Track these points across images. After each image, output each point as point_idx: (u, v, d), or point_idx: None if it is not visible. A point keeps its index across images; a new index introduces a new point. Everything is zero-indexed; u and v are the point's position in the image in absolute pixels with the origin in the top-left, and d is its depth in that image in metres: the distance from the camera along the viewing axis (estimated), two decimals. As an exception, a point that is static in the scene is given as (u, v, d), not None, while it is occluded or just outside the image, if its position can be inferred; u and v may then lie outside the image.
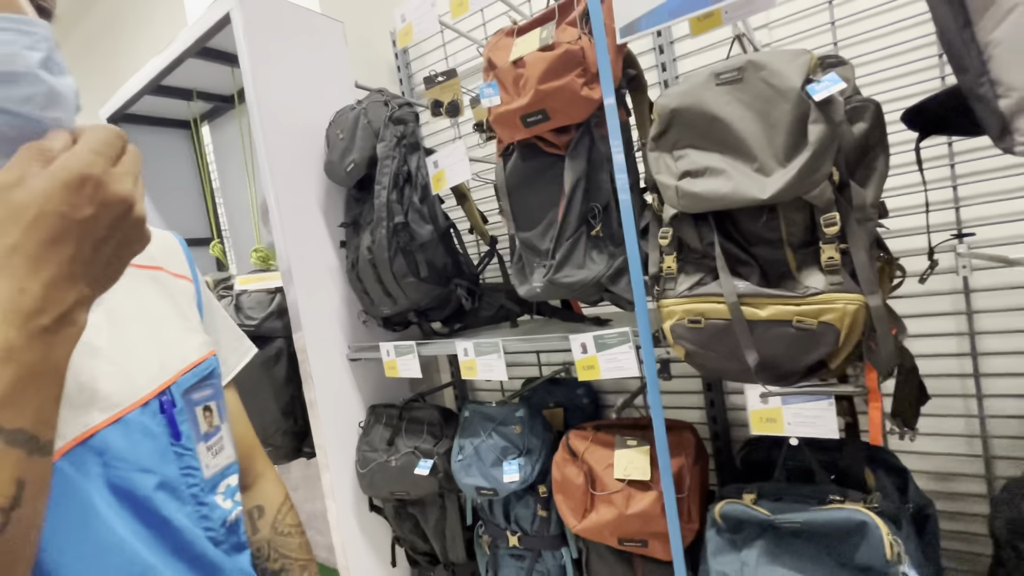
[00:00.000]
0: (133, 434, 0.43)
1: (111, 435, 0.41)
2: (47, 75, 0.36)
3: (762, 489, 0.94)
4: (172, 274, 0.55)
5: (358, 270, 1.35)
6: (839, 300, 0.74)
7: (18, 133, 0.35)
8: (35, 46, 0.36)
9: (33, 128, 0.35)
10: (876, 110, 0.78)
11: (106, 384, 0.42)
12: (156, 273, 0.53)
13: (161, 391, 0.46)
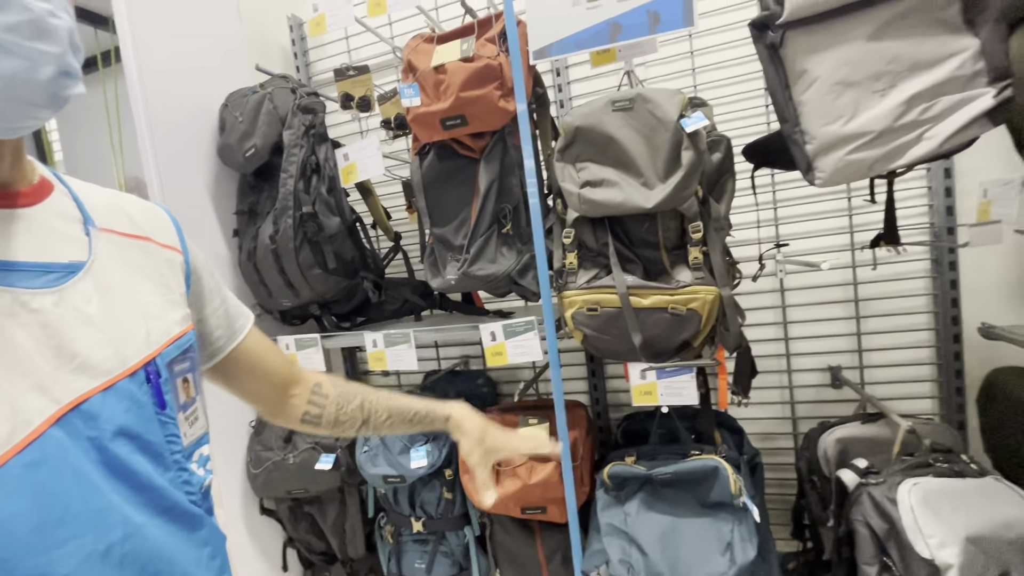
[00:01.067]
0: (122, 401, 0.42)
1: (102, 402, 0.41)
2: (38, 6, 0.35)
3: (640, 452, 1.12)
4: (160, 244, 0.53)
5: (255, 260, 1.30)
6: (701, 291, 0.94)
7: (13, 70, 0.34)
8: None
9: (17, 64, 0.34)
10: (728, 144, 1.00)
11: (97, 352, 0.42)
12: (144, 243, 0.51)
13: (147, 361, 0.46)
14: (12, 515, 0.35)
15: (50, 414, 0.38)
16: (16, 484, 0.36)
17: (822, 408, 1.43)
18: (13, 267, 0.39)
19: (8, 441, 0.36)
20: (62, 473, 0.38)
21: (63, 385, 0.39)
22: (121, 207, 0.52)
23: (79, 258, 0.44)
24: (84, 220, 0.47)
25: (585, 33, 0.97)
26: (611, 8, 0.95)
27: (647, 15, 0.93)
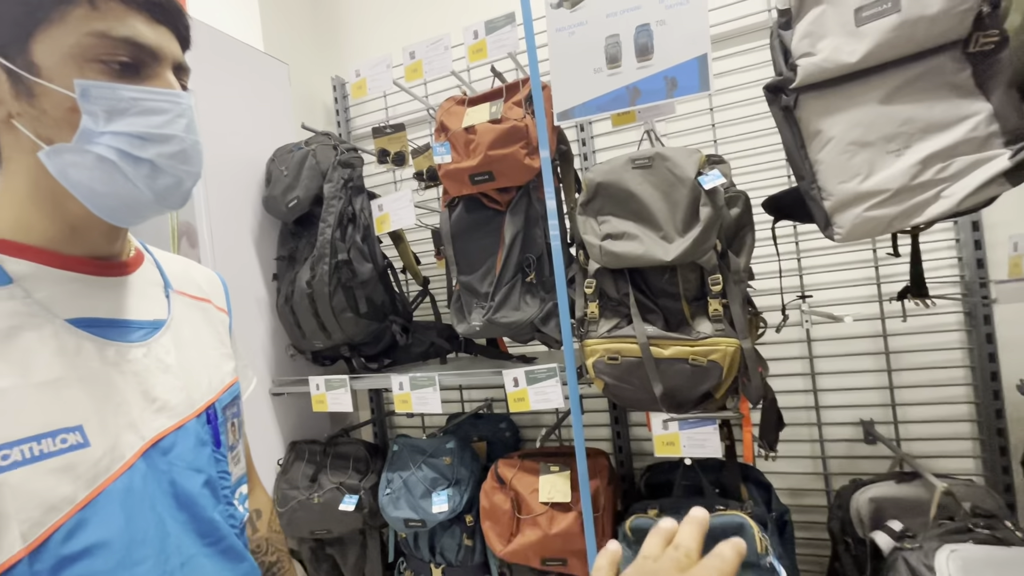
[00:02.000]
0: (190, 439, 0.49)
1: (174, 439, 0.47)
2: (188, 134, 0.46)
3: (663, 504, 1.10)
4: (216, 307, 0.62)
5: (292, 303, 1.37)
6: (722, 343, 0.95)
7: (163, 187, 0.45)
8: (183, 113, 0.46)
9: (170, 180, 0.45)
10: (746, 199, 1.03)
11: (173, 396, 0.49)
12: (205, 305, 0.60)
13: (209, 405, 0.53)
14: (110, 534, 0.41)
15: (138, 448, 0.45)
16: (114, 507, 0.42)
17: (855, 464, 1.38)
18: (118, 324, 0.48)
19: (108, 470, 0.42)
20: (144, 500, 0.44)
21: (147, 424, 0.46)
22: (189, 273, 0.61)
23: (161, 316, 0.52)
24: (164, 284, 0.55)
25: (606, 97, 1.03)
26: (631, 74, 1.02)
27: (664, 81, 0.99)
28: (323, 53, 2.00)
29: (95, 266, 0.48)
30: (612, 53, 1.03)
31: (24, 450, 0.38)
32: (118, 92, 0.42)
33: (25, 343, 0.41)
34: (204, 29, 1.39)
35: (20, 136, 0.43)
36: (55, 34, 0.41)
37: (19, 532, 0.37)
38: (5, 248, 0.43)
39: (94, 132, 0.42)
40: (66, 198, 0.44)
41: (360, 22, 1.98)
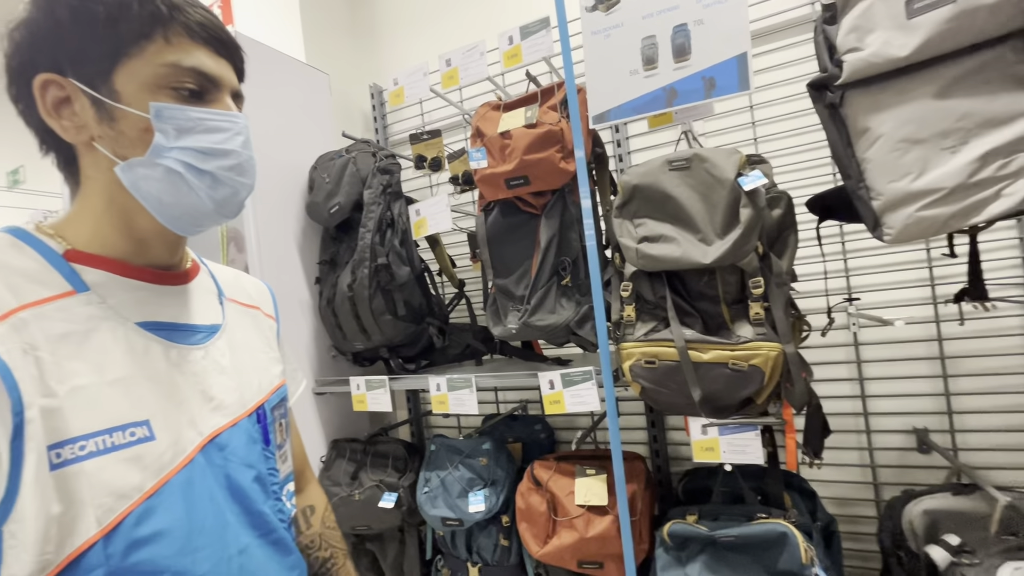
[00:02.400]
0: (242, 436, 0.53)
1: (229, 436, 0.51)
2: (244, 150, 0.52)
3: (702, 511, 1.08)
4: (265, 314, 0.67)
5: (334, 306, 1.41)
6: (764, 347, 0.93)
7: (222, 196, 0.51)
8: (240, 132, 0.52)
9: (228, 191, 0.51)
10: (788, 200, 1.00)
11: (228, 396, 0.53)
12: (254, 312, 0.64)
13: (259, 405, 0.57)
14: (173, 521, 0.44)
15: (197, 443, 0.48)
16: (177, 497, 0.45)
17: (907, 474, 1.32)
18: (180, 328, 0.52)
19: (172, 462, 0.46)
20: (203, 492, 0.47)
21: (205, 421, 0.50)
22: (240, 282, 0.66)
23: (217, 321, 0.56)
24: (218, 293, 0.60)
25: (642, 99, 1.03)
26: (667, 75, 1.01)
27: (703, 81, 0.98)
28: (361, 62, 2.05)
29: (159, 275, 0.53)
30: (648, 54, 1.02)
31: (98, 441, 0.42)
32: (186, 113, 0.48)
33: (100, 343, 0.45)
34: (250, 44, 1.46)
35: (99, 157, 0.48)
36: (134, 66, 0.47)
37: (94, 517, 0.41)
38: (83, 259, 0.48)
39: (164, 147, 0.48)
40: (136, 213, 0.49)
41: (396, 31, 2.03)
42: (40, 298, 0.44)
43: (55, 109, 0.48)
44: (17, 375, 0.39)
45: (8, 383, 0.39)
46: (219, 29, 0.51)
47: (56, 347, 0.42)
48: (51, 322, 0.43)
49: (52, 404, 0.41)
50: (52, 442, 0.40)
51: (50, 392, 0.41)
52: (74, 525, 0.40)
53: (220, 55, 0.51)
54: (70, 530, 0.40)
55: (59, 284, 0.45)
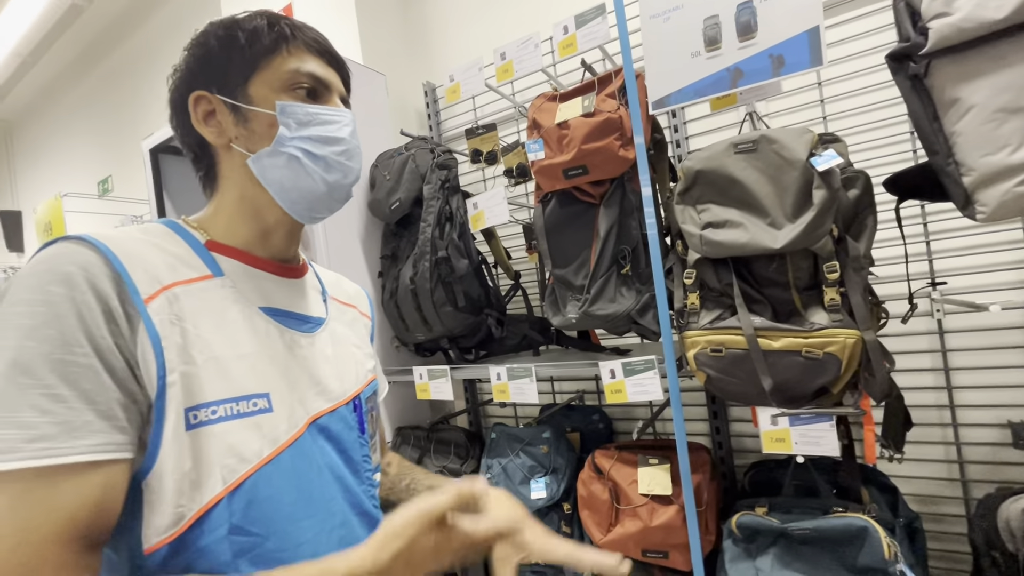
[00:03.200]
0: (341, 421, 0.57)
1: (330, 419, 0.56)
2: (352, 139, 0.59)
3: (772, 503, 1.06)
4: (361, 313, 0.73)
5: (397, 299, 1.47)
6: (840, 334, 0.89)
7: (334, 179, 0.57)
8: (348, 124, 0.60)
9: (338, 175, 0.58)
10: (866, 179, 0.95)
11: (331, 383, 0.58)
12: (352, 310, 0.70)
13: (355, 395, 0.61)
14: (282, 490, 0.49)
15: (305, 421, 0.53)
16: (286, 468, 0.49)
17: (1001, 471, 1.22)
18: (294, 316, 0.57)
19: (286, 434, 0.50)
20: (309, 466, 0.51)
21: (312, 402, 0.54)
22: (340, 284, 0.72)
23: (321, 315, 0.62)
24: (323, 291, 0.65)
25: (705, 81, 1.00)
26: (732, 55, 0.97)
27: (770, 59, 0.94)
28: (414, 60, 2.10)
29: (277, 267, 0.59)
30: (711, 35, 0.99)
31: (228, 407, 0.47)
32: (304, 108, 0.56)
33: (232, 322, 0.51)
34: (315, 50, 1.53)
35: (235, 155, 0.56)
36: (263, 76, 0.56)
37: (220, 476, 0.46)
38: (219, 249, 0.55)
39: (287, 137, 0.55)
40: (262, 205, 0.57)
41: (448, 28, 2.06)
42: (188, 278, 0.50)
43: (204, 119, 0.57)
44: (165, 343, 0.45)
45: (156, 349, 0.44)
46: (329, 46, 0.61)
47: (198, 321, 0.48)
48: (195, 299, 0.49)
49: (191, 371, 0.46)
50: (189, 405, 0.45)
51: (190, 360, 0.46)
52: (203, 481, 0.45)
53: (330, 65, 0.60)
54: (199, 486, 0.44)
55: (201, 268, 0.52)
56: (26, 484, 0.37)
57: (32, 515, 0.37)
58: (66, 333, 0.40)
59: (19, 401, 0.38)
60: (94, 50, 3.73)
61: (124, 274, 0.44)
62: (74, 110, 4.08)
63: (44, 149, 4.57)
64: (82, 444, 0.39)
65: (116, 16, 3.44)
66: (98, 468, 0.40)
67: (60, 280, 0.41)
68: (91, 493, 0.39)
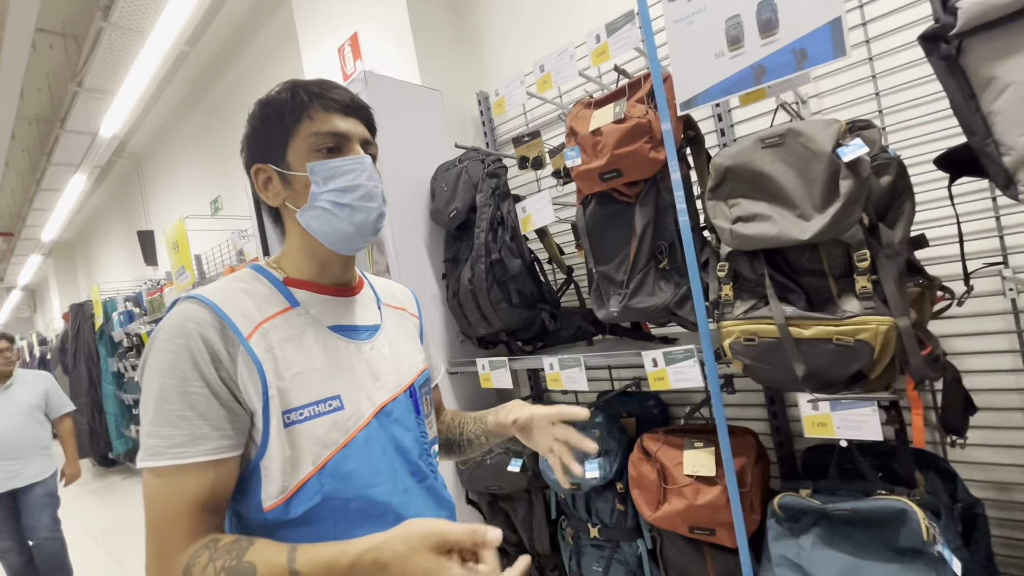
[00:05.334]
0: (401, 407, 0.72)
1: (393, 405, 0.71)
2: (368, 182, 0.69)
3: (817, 485, 1.08)
4: (410, 314, 0.87)
5: (459, 298, 1.62)
6: (872, 322, 0.90)
7: (359, 220, 0.68)
8: (364, 168, 0.69)
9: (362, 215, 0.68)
10: (899, 165, 0.94)
11: (389, 378, 0.72)
12: (402, 312, 0.85)
13: (410, 384, 0.76)
14: (358, 466, 0.64)
15: (371, 411, 0.68)
16: (360, 448, 0.65)
17: (1090, 458, 1.14)
18: (355, 328, 0.72)
19: (355, 425, 0.66)
20: (377, 445, 0.67)
21: (375, 395, 0.69)
22: (391, 290, 0.86)
23: (376, 322, 0.76)
24: (377, 300, 0.79)
25: (729, 80, 1.03)
26: (754, 53, 1.00)
27: (792, 54, 0.96)
28: (468, 72, 2.24)
29: (339, 291, 0.73)
30: (734, 34, 1.02)
31: (311, 409, 0.63)
32: (327, 165, 0.67)
33: (308, 342, 0.66)
34: (376, 79, 1.71)
35: (290, 212, 0.70)
36: (296, 144, 0.67)
37: (310, 459, 0.62)
38: (294, 283, 0.70)
39: (317, 193, 0.67)
40: (316, 247, 0.71)
41: (498, 39, 2.17)
42: (273, 312, 0.65)
43: (264, 186, 0.71)
44: (264, 367, 0.61)
45: (259, 372, 0.61)
46: (348, 97, 0.70)
47: (284, 347, 0.64)
48: (280, 329, 0.64)
49: (283, 385, 0.62)
50: (284, 409, 0.62)
51: (281, 377, 0.62)
52: (299, 463, 0.61)
53: (349, 115, 0.69)
54: (295, 466, 0.61)
55: (282, 302, 0.67)
56: (169, 474, 0.57)
57: (172, 493, 0.56)
58: (186, 373, 0.57)
59: (163, 420, 0.57)
60: (198, 88, 4.27)
61: (228, 320, 0.61)
62: (187, 141, 4.70)
63: (166, 176, 5.30)
64: (201, 449, 0.57)
65: (213, 57, 3.91)
66: (213, 464, 0.58)
67: (180, 334, 0.59)
68: (208, 479, 0.58)
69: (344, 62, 2.39)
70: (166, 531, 0.56)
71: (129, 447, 5.45)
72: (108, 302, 5.29)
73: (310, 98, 0.67)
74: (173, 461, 0.56)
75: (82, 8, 3.39)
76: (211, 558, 0.55)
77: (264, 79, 3.47)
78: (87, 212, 7.74)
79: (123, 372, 5.07)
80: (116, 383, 5.33)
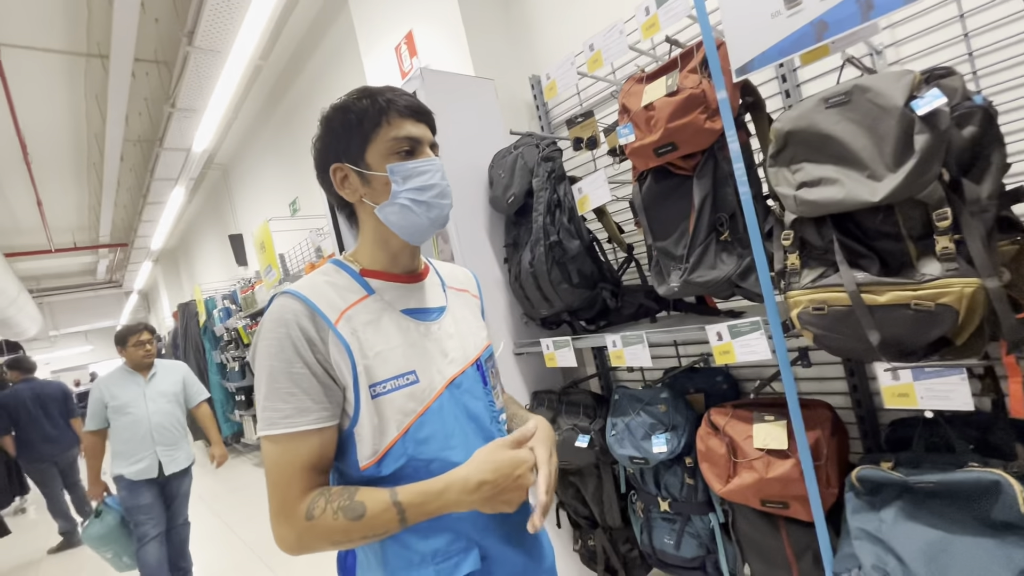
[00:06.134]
0: (469, 379, 0.80)
1: (462, 378, 0.78)
2: (442, 181, 0.77)
3: (899, 458, 1.04)
4: (471, 295, 0.95)
5: (520, 281, 1.68)
6: (955, 284, 0.85)
7: (434, 215, 0.76)
8: (438, 169, 0.77)
9: (437, 211, 0.76)
10: (985, 114, 0.87)
11: (458, 353, 0.80)
12: (465, 294, 0.92)
13: (476, 358, 0.83)
14: (435, 429, 0.72)
15: (442, 384, 0.75)
16: (435, 416, 0.73)
17: None
18: (424, 311, 0.80)
19: (429, 396, 0.73)
20: (450, 413, 0.75)
21: (445, 369, 0.77)
22: (454, 273, 0.93)
23: (442, 304, 0.83)
24: (442, 283, 0.87)
25: (787, 40, 0.99)
26: (814, 8, 0.95)
27: (856, 4, 0.90)
28: (520, 57, 2.26)
29: (408, 278, 0.81)
30: (790, -9, 0.97)
31: (392, 383, 0.72)
32: (406, 166, 0.75)
33: (385, 325, 0.75)
34: (431, 74, 1.78)
35: (366, 207, 0.78)
36: (375, 146, 0.75)
37: (394, 425, 0.70)
38: (369, 273, 0.79)
39: (398, 192, 0.75)
40: (389, 238, 0.78)
41: (548, 20, 2.16)
42: (354, 300, 0.74)
43: (341, 184, 0.78)
44: (352, 348, 0.70)
45: (347, 352, 0.70)
46: (417, 104, 0.77)
47: (365, 330, 0.72)
48: (361, 315, 0.73)
49: (367, 363, 0.71)
50: (371, 383, 0.70)
51: (365, 356, 0.71)
52: (385, 429, 0.70)
53: (419, 121, 0.77)
54: (383, 433, 0.70)
55: (360, 291, 0.76)
56: (283, 441, 0.67)
57: (287, 456, 0.67)
58: (289, 356, 0.67)
59: (274, 396, 0.67)
60: (272, 98, 4.59)
61: (317, 310, 0.70)
62: (265, 148, 5.08)
63: (249, 181, 5.77)
64: (307, 419, 0.67)
65: (283, 67, 4.19)
66: (317, 432, 0.68)
67: (281, 324, 0.68)
68: (314, 444, 0.68)
69: (401, 60, 2.49)
70: (284, 486, 0.66)
71: (235, 430, 6.07)
72: (209, 300, 5.88)
73: (388, 104, 0.74)
74: (286, 430, 0.67)
75: (170, 35, 3.75)
76: (327, 501, 0.66)
77: (330, 84, 3.67)
78: (185, 221, 8.59)
79: (225, 363, 5.64)
80: (220, 373, 5.94)
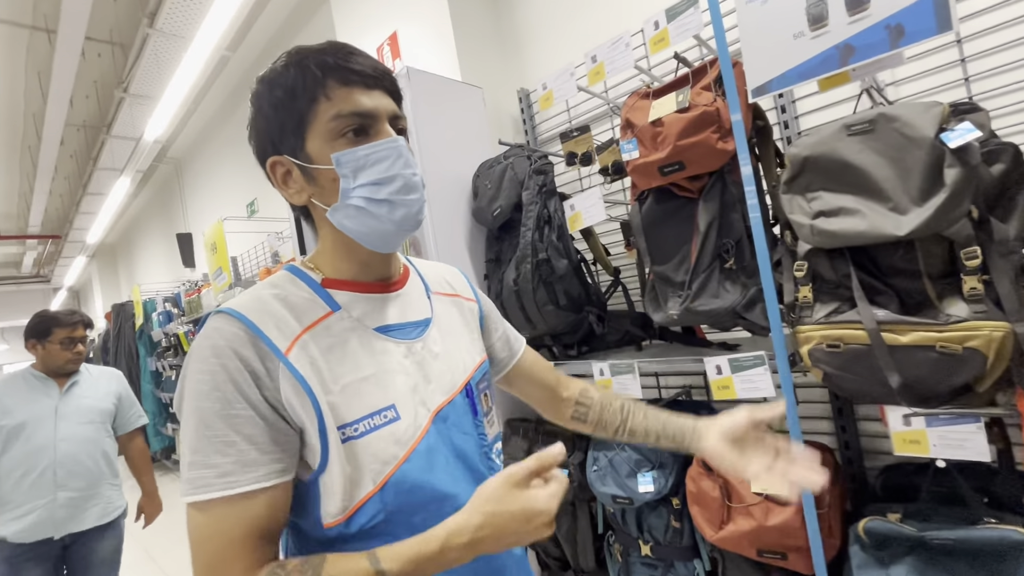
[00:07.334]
0: (457, 409, 0.64)
1: (449, 409, 0.63)
2: (405, 169, 0.59)
3: (907, 510, 0.98)
4: (465, 299, 0.77)
5: (502, 299, 1.56)
6: (984, 327, 0.80)
7: (400, 216, 0.59)
8: (400, 154, 0.58)
9: (403, 211, 0.59)
10: (1015, 152, 0.84)
11: (444, 378, 0.65)
12: (456, 299, 0.75)
13: (466, 383, 0.67)
14: (423, 478, 0.58)
15: (428, 418, 0.61)
16: (421, 460, 0.58)
17: None
18: (403, 326, 0.64)
19: (414, 436, 0.59)
20: (439, 454, 0.60)
21: (431, 399, 0.62)
22: (442, 275, 0.76)
23: (427, 315, 0.68)
24: (426, 289, 0.71)
25: (810, 63, 0.95)
26: (841, 31, 0.91)
27: (886, 31, 0.87)
28: (509, 68, 2.19)
29: (383, 287, 0.65)
30: (816, 12, 0.94)
31: (366, 423, 0.56)
32: (356, 153, 0.57)
33: (354, 349, 0.59)
34: (416, 74, 1.67)
35: (318, 209, 0.61)
36: (314, 129, 0.57)
37: (370, 477, 0.56)
38: (333, 284, 0.62)
39: (348, 189, 0.58)
40: (353, 246, 0.62)
41: (539, 35, 2.11)
42: (313, 320, 0.58)
43: (283, 182, 0.61)
44: (309, 381, 0.54)
45: (305, 388, 0.54)
46: (365, 65, 0.58)
47: (327, 357, 0.56)
48: (322, 339, 0.57)
49: (332, 399, 0.55)
50: (339, 424, 0.55)
51: (329, 391, 0.55)
52: (359, 481, 0.55)
53: (371, 87, 0.58)
54: (357, 484, 0.55)
55: (323, 306, 0.59)
56: (218, 507, 0.51)
57: (224, 526, 0.51)
58: (227, 394, 0.52)
59: (207, 448, 0.51)
60: (237, 93, 4.35)
61: (262, 336, 0.54)
62: (225, 144, 4.80)
63: (204, 179, 5.43)
64: (251, 476, 0.51)
65: (253, 61, 3.98)
66: (264, 491, 0.52)
67: (215, 354, 0.53)
68: (261, 507, 0.52)
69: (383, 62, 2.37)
70: (220, 567, 0.50)
71: (166, 444, 5.57)
72: (148, 303, 5.43)
73: (324, 72, 0.56)
74: (224, 492, 0.50)
75: (129, 16, 3.49)
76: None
77: (301, 83, 3.49)
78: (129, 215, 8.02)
79: (161, 371, 5.19)
80: (154, 382, 5.47)
